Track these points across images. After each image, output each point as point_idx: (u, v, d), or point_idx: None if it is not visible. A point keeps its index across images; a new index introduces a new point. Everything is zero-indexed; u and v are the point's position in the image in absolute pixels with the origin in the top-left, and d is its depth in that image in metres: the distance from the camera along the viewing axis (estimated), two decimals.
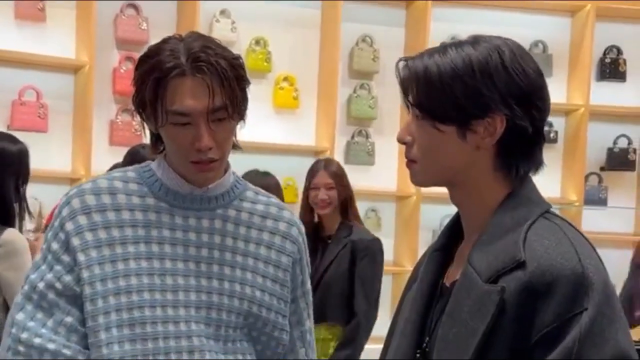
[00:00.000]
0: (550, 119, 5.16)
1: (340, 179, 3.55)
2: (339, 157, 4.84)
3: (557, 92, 5.19)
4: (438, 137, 1.26)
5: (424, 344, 1.30)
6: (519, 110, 1.23)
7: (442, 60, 1.24)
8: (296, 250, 1.66)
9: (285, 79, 4.78)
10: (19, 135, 4.19)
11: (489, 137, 1.24)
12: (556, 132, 5.19)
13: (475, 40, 1.27)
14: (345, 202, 3.54)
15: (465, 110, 1.23)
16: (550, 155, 5.25)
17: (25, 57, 4.18)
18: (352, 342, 3.40)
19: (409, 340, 1.33)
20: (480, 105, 1.23)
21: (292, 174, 4.78)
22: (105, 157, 4.23)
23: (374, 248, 3.52)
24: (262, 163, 3.68)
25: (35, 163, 2.83)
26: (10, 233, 2.58)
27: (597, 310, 1.14)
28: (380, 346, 1.47)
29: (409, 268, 4.87)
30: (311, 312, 1.73)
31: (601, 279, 1.17)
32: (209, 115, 1.48)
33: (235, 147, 1.59)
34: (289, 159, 4.79)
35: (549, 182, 5.10)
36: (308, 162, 4.92)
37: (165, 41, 1.54)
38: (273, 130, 4.64)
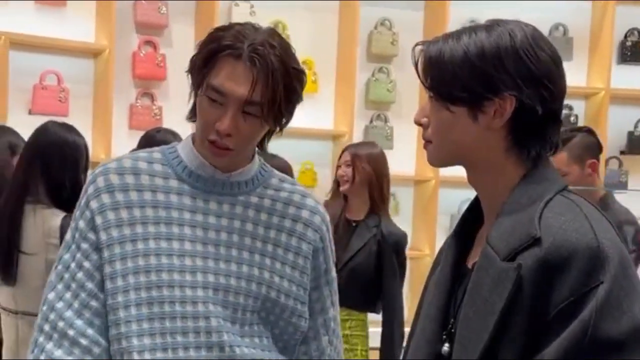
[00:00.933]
0: (570, 102, 5.18)
1: (360, 159, 3.54)
2: (357, 141, 4.84)
3: (578, 75, 5.16)
4: (450, 117, 1.29)
5: (450, 326, 1.32)
6: (529, 91, 1.25)
7: (455, 45, 1.28)
8: (318, 239, 1.66)
9: (304, 62, 4.77)
10: (40, 119, 4.25)
11: (498, 117, 1.27)
12: (576, 116, 5.16)
13: (490, 25, 1.30)
14: (372, 188, 3.54)
15: (475, 92, 1.26)
16: None
17: (46, 42, 4.21)
18: (392, 334, 3.44)
19: (434, 322, 1.35)
20: (490, 87, 1.25)
21: (310, 158, 4.79)
22: (125, 140, 4.26)
23: (404, 243, 3.57)
24: (280, 147, 3.67)
25: None
26: None
27: (613, 283, 1.15)
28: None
29: (427, 252, 4.88)
30: (336, 299, 1.73)
31: (617, 252, 1.18)
32: (242, 105, 1.49)
33: (262, 150, 1.61)
34: (308, 143, 4.80)
35: None
36: (326, 146, 4.95)
37: (241, 24, 1.55)
38: None
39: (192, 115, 1.60)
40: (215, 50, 1.50)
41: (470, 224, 1.40)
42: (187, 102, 1.61)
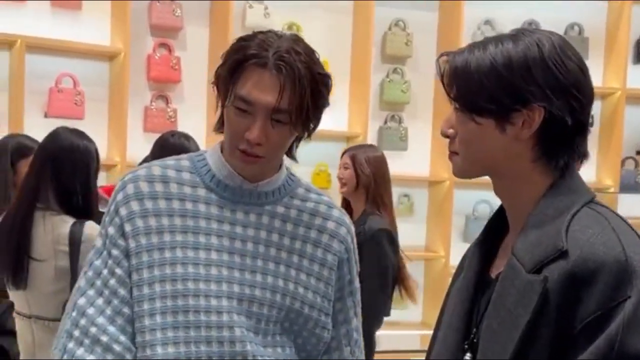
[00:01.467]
0: None
1: (357, 161, 3.52)
2: (371, 142, 4.84)
3: (593, 75, 5.02)
4: (477, 129, 1.28)
5: (472, 336, 1.32)
6: (558, 102, 1.24)
7: (482, 55, 1.26)
8: (343, 250, 1.66)
9: None
10: (56, 122, 4.28)
11: (527, 128, 1.25)
12: (592, 116, 5.11)
13: (516, 35, 1.28)
14: (368, 190, 3.51)
15: (502, 103, 1.24)
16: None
17: (62, 45, 4.23)
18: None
19: (456, 332, 1.34)
20: (518, 98, 1.24)
21: (324, 159, 4.79)
22: (139, 143, 4.28)
23: (378, 238, 3.42)
24: None
25: None
26: (91, 228, 2.61)
27: None
28: (414, 332, 1.48)
29: (442, 254, 4.87)
30: (359, 310, 1.73)
31: None
32: (270, 114, 1.49)
33: (291, 157, 1.61)
34: (322, 144, 4.79)
35: (584, 166, 5.01)
36: (340, 148, 4.93)
37: (263, 32, 1.54)
38: None
39: (220, 126, 1.60)
40: (240, 61, 1.49)
41: (494, 232, 1.38)
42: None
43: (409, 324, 3.98)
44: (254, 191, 1.60)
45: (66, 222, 2.63)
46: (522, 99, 1.24)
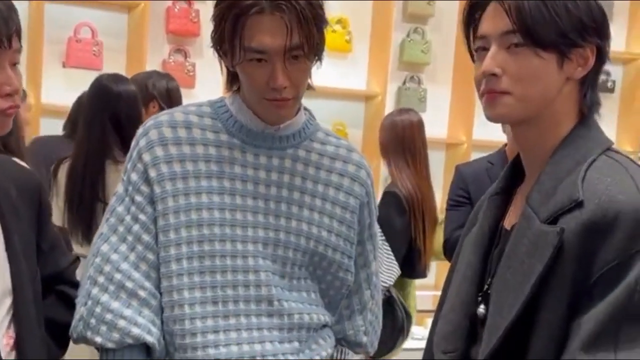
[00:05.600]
0: (607, 67, 5.08)
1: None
2: (390, 102, 4.81)
3: (616, 39, 5.04)
4: (540, 65, 1.24)
5: (486, 287, 1.31)
6: (604, 42, 1.27)
7: None
8: (364, 193, 1.66)
9: (339, 21, 4.74)
10: (73, 72, 4.27)
11: (580, 66, 1.26)
12: (613, 82, 5.07)
13: None
14: (385, 155, 3.57)
15: (568, 37, 1.24)
16: (607, 105, 5.07)
17: None
18: None
19: (470, 284, 1.34)
20: (581, 33, 1.24)
21: (342, 118, 4.77)
22: None
23: (385, 200, 3.48)
24: (312, 106, 3.66)
25: None
26: None
27: None
28: (428, 293, 1.47)
29: None
30: (377, 254, 1.75)
31: None
32: (285, 54, 1.48)
33: (310, 87, 1.59)
34: (340, 103, 4.77)
35: (604, 131, 4.97)
36: (359, 107, 4.92)
37: None
38: (324, 74, 4.58)
39: (232, 86, 1.61)
40: (238, 15, 1.48)
41: (509, 184, 1.37)
42: (219, 59, 1.59)
43: (422, 286, 3.99)
44: (275, 135, 1.60)
45: None
46: (584, 35, 1.24)
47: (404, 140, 3.55)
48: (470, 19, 1.31)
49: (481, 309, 1.31)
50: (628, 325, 1.11)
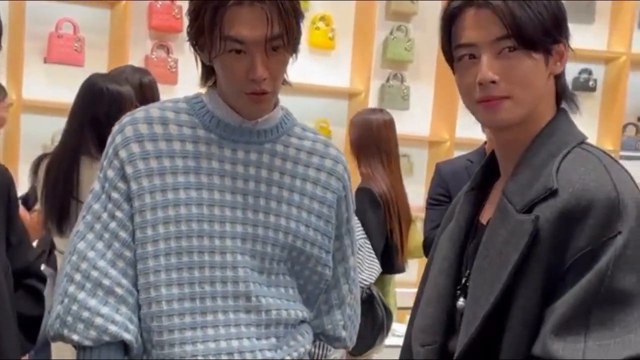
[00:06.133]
0: (590, 66, 5.10)
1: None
2: (373, 100, 4.81)
3: (598, 39, 5.08)
4: (533, 66, 1.27)
5: (464, 280, 1.32)
6: (569, 37, 1.30)
7: None
8: (341, 187, 1.67)
9: (322, 18, 4.73)
10: (55, 68, 4.25)
11: (558, 62, 1.29)
12: (595, 81, 5.10)
13: None
14: (355, 154, 3.55)
15: (550, 34, 1.27)
16: (588, 104, 5.16)
17: None
18: None
19: (447, 277, 1.35)
20: (557, 29, 1.27)
21: (325, 115, 4.77)
22: None
23: (359, 196, 3.39)
24: (295, 103, 3.65)
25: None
26: None
27: (631, 233, 1.14)
28: (411, 290, 1.48)
29: None
30: (355, 249, 1.75)
31: (636, 204, 1.17)
32: (265, 44, 1.48)
33: (286, 82, 1.59)
34: (323, 100, 4.77)
35: (585, 130, 4.96)
36: (342, 104, 4.91)
37: None
38: (307, 71, 4.60)
39: (207, 81, 1.60)
40: (217, 6, 1.47)
41: (485, 178, 1.39)
42: (195, 54, 1.59)
43: (405, 283, 4.00)
44: (253, 130, 1.60)
45: None
46: (561, 31, 1.28)
47: (379, 140, 3.54)
48: (450, 29, 1.30)
49: (461, 301, 1.32)
50: (599, 309, 1.13)
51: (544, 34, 1.25)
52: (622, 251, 1.13)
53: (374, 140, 3.53)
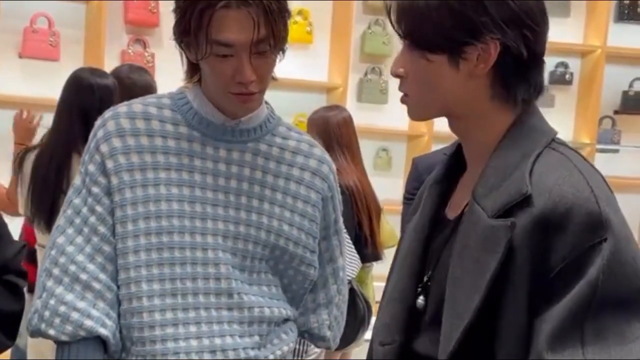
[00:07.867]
0: (565, 60, 5.13)
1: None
2: (351, 94, 4.81)
3: (574, 32, 5.11)
4: (429, 68, 1.22)
5: (425, 278, 1.29)
6: (512, 33, 1.18)
7: None
8: (326, 188, 1.66)
9: (299, 12, 4.72)
10: (30, 62, 4.20)
11: (482, 63, 1.20)
12: (571, 74, 5.13)
13: None
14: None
15: (454, 37, 1.19)
16: (565, 97, 5.20)
17: None
18: None
19: (409, 274, 1.31)
20: (471, 31, 1.18)
21: (303, 109, 4.75)
22: None
23: None
24: (273, 98, 3.64)
25: (46, 92, 2.82)
26: None
27: (617, 239, 1.11)
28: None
29: None
30: (344, 249, 1.74)
31: (613, 207, 1.15)
32: (251, 48, 1.47)
33: (273, 78, 1.58)
34: (301, 95, 4.76)
35: (562, 123, 5.04)
36: (320, 98, 4.91)
37: None
38: (285, 65, 4.55)
39: (192, 77, 1.59)
40: (204, 8, 1.46)
41: (451, 170, 1.35)
42: (180, 50, 1.58)
43: (381, 277, 4.01)
44: (236, 129, 1.59)
45: None
46: (475, 32, 1.18)
47: (340, 137, 3.54)
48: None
49: (420, 300, 1.28)
50: (592, 320, 1.09)
51: (443, 37, 1.19)
52: (611, 257, 1.10)
53: (334, 137, 3.53)
